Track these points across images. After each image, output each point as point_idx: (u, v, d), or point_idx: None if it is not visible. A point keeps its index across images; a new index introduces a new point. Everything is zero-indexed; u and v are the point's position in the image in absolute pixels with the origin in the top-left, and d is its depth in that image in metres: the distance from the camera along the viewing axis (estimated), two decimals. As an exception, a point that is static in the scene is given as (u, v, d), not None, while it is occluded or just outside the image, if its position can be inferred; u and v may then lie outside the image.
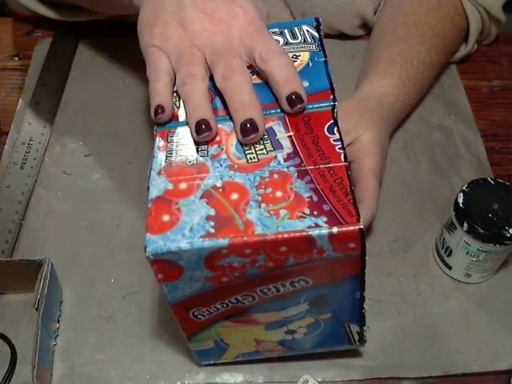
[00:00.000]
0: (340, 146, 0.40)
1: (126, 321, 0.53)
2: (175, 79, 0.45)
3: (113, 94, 0.70)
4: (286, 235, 0.36)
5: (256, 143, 0.41)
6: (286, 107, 0.42)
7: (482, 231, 0.50)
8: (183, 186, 0.39)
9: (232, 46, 0.44)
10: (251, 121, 0.41)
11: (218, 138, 0.42)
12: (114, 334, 0.52)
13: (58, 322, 0.52)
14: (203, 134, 0.41)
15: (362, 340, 0.47)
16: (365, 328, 0.46)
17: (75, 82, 0.71)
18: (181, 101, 0.44)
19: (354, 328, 0.46)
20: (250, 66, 0.45)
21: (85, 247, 0.57)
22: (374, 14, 0.74)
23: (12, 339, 0.51)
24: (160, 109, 0.43)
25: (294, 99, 0.42)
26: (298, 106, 0.42)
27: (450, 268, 0.56)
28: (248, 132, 0.41)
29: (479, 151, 0.66)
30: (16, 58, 0.73)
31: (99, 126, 0.67)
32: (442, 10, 0.67)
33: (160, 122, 0.43)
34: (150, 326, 0.53)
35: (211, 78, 0.45)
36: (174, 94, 0.45)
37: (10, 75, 0.72)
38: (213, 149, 0.41)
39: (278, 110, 0.43)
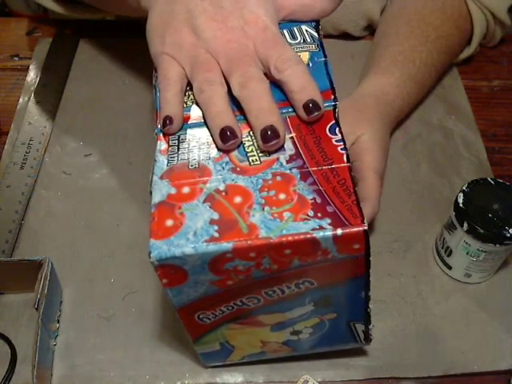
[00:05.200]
0: (342, 146, 0.40)
1: (126, 321, 0.53)
2: (187, 88, 0.44)
3: (113, 94, 0.70)
4: (290, 238, 0.36)
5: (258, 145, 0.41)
6: (303, 115, 0.41)
7: (482, 231, 0.50)
8: (186, 190, 0.39)
9: (247, 54, 0.43)
10: (272, 127, 0.40)
11: None
12: (114, 334, 0.52)
13: (58, 321, 0.52)
14: (229, 141, 0.40)
15: (368, 339, 0.47)
16: (370, 327, 0.46)
17: (75, 82, 0.71)
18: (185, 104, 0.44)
19: (360, 327, 0.46)
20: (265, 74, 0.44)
21: (85, 247, 0.57)
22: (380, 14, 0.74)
23: (12, 339, 0.51)
24: (168, 119, 0.42)
25: (311, 107, 0.41)
26: (315, 113, 0.41)
27: (449, 268, 0.56)
28: (269, 138, 0.40)
29: (479, 151, 0.66)
30: (16, 58, 0.74)
31: (99, 126, 0.67)
32: (447, 11, 0.67)
33: (169, 133, 0.42)
34: (150, 326, 0.53)
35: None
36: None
37: (10, 75, 0.72)
38: (215, 152, 0.41)
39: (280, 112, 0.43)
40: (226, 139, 0.40)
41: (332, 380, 0.50)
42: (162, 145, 0.42)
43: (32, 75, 0.71)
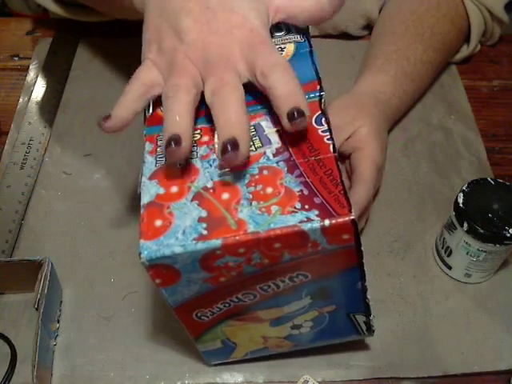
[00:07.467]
0: (328, 136, 0.40)
1: (126, 321, 0.53)
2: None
3: (113, 94, 0.69)
4: (278, 231, 0.36)
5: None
6: (286, 123, 0.38)
7: (482, 231, 0.50)
8: (174, 189, 0.39)
9: (228, 58, 0.41)
10: (232, 140, 0.37)
11: (206, 139, 0.42)
12: (113, 334, 0.52)
13: (58, 321, 0.52)
14: (170, 149, 0.38)
15: (370, 330, 0.47)
16: (371, 318, 0.46)
17: (75, 82, 0.71)
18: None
19: (361, 318, 0.46)
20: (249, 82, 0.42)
21: (85, 247, 0.57)
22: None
23: (12, 339, 0.51)
24: (104, 118, 0.41)
25: (295, 115, 0.38)
26: (298, 120, 0.38)
27: (449, 268, 0.56)
28: (226, 151, 0.37)
29: (479, 151, 0.66)
30: (16, 58, 0.74)
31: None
32: (442, 9, 0.67)
33: (103, 129, 0.42)
34: (150, 326, 0.53)
35: None
36: None
37: (9, 75, 0.72)
38: (202, 149, 0.41)
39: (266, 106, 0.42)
40: (168, 146, 0.38)
41: (332, 380, 0.50)
42: (150, 145, 0.42)
43: (32, 75, 0.71)
